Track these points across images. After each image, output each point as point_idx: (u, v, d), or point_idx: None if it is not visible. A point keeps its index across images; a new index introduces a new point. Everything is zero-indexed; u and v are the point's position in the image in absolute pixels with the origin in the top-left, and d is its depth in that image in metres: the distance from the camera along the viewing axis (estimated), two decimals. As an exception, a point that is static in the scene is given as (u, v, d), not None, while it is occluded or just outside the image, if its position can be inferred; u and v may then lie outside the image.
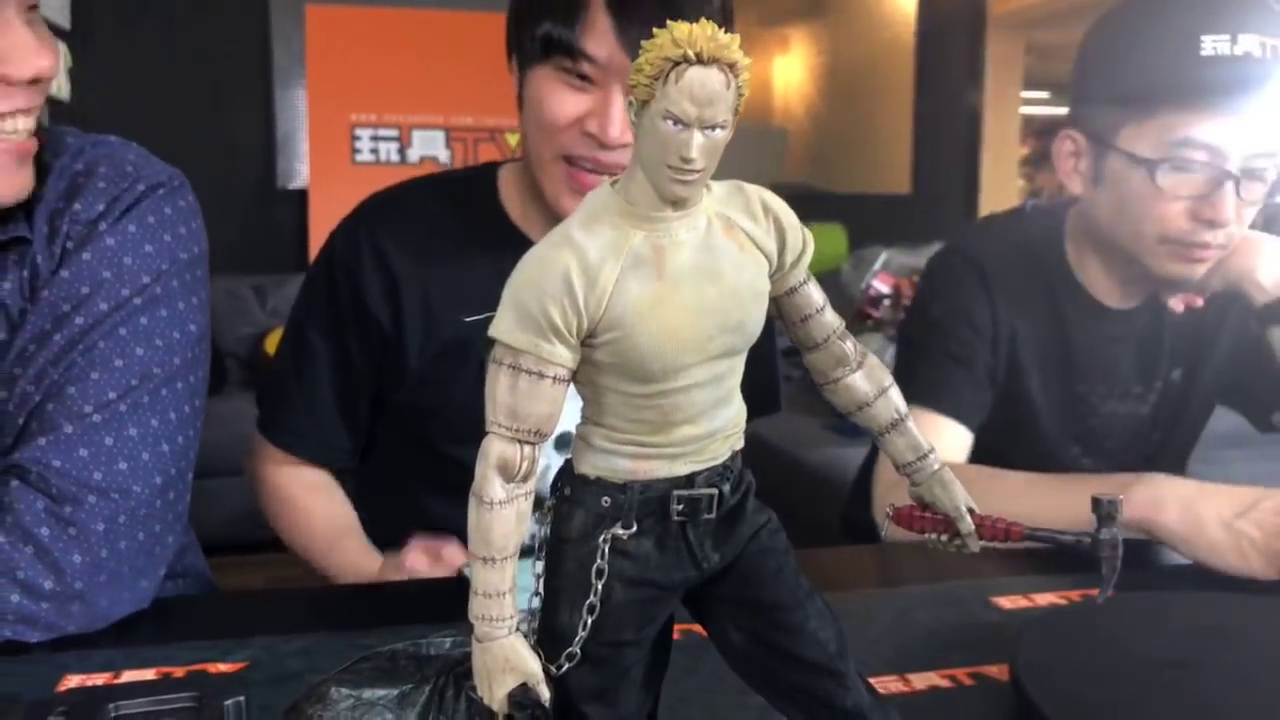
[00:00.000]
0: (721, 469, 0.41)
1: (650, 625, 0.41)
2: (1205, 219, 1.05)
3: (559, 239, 0.38)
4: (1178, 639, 0.76)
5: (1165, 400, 1.25)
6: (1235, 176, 1.03)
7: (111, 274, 0.81)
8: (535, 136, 0.95)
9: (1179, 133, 1.04)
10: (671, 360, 0.38)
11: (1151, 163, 1.06)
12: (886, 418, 0.44)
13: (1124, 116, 1.08)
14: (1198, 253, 1.09)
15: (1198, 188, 1.05)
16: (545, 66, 0.92)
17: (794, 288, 0.42)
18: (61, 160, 0.83)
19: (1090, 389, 1.22)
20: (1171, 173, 1.05)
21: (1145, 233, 1.10)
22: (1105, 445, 1.25)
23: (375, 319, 1.02)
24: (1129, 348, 1.22)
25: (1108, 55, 1.12)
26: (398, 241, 1.02)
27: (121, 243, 0.81)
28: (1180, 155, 1.04)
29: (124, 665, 0.74)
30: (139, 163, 0.86)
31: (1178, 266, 1.11)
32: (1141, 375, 1.24)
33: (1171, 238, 1.08)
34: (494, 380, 0.39)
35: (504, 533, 0.39)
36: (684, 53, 0.35)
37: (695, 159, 0.36)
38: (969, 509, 0.45)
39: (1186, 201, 1.06)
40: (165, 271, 0.83)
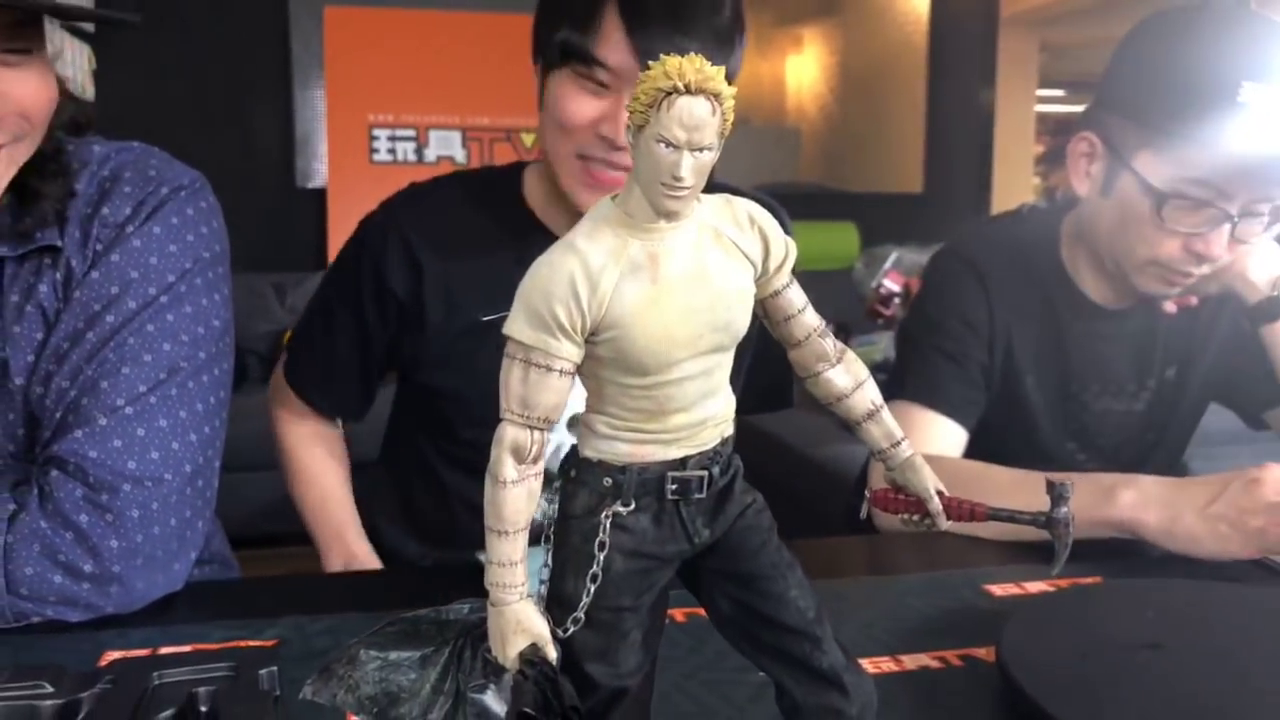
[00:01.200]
0: (712, 453, 0.46)
1: (648, 593, 0.46)
2: (1196, 251, 1.08)
3: (565, 247, 0.43)
4: (1154, 623, 0.79)
5: (1159, 398, 1.27)
6: (1234, 219, 1.05)
7: (139, 274, 0.85)
8: (553, 135, 1.00)
9: (1195, 172, 1.04)
10: (665, 356, 0.43)
11: (1162, 195, 1.06)
12: (862, 409, 0.49)
13: (1145, 139, 1.07)
14: (1180, 279, 1.12)
15: (1196, 224, 1.07)
16: (564, 71, 0.97)
17: (777, 291, 0.47)
18: (90, 168, 0.88)
19: (1084, 388, 1.25)
20: (1177, 209, 1.06)
21: (1138, 253, 1.12)
22: (1098, 442, 1.28)
23: (396, 300, 1.09)
24: (1123, 347, 1.25)
25: (1142, 75, 1.09)
26: (423, 232, 1.08)
27: (147, 244, 0.86)
28: (1190, 193, 1.05)
29: (161, 642, 0.79)
30: (161, 167, 0.90)
31: (1158, 286, 1.14)
32: (1135, 374, 1.26)
33: (1160, 262, 1.11)
34: (507, 372, 0.44)
35: (516, 509, 0.44)
36: (674, 84, 0.40)
37: (685, 178, 0.41)
38: (938, 491, 0.49)
39: (1184, 235, 1.08)
40: (189, 270, 0.88)
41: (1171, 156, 1.05)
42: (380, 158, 3.92)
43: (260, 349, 3.61)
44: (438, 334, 1.08)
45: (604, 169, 0.98)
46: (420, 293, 1.07)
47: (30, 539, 0.79)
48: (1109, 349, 1.25)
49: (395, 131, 3.94)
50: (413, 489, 1.17)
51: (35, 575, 0.79)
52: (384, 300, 1.09)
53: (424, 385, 1.11)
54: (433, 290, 1.07)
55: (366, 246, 1.11)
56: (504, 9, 3.79)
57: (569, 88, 0.97)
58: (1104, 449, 1.28)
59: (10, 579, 0.79)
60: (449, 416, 1.10)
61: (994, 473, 1.08)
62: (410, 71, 3.92)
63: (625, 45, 0.93)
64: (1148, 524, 0.96)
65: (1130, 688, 0.70)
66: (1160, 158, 1.06)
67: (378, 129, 3.92)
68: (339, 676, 0.49)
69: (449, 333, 1.08)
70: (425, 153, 3.97)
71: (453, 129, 3.98)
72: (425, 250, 1.08)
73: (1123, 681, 0.71)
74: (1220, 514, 0.92)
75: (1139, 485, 0.98)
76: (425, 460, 1.14)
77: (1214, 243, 1.06)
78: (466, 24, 3.93)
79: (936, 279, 1.30)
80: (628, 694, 0.45)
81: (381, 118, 3.92)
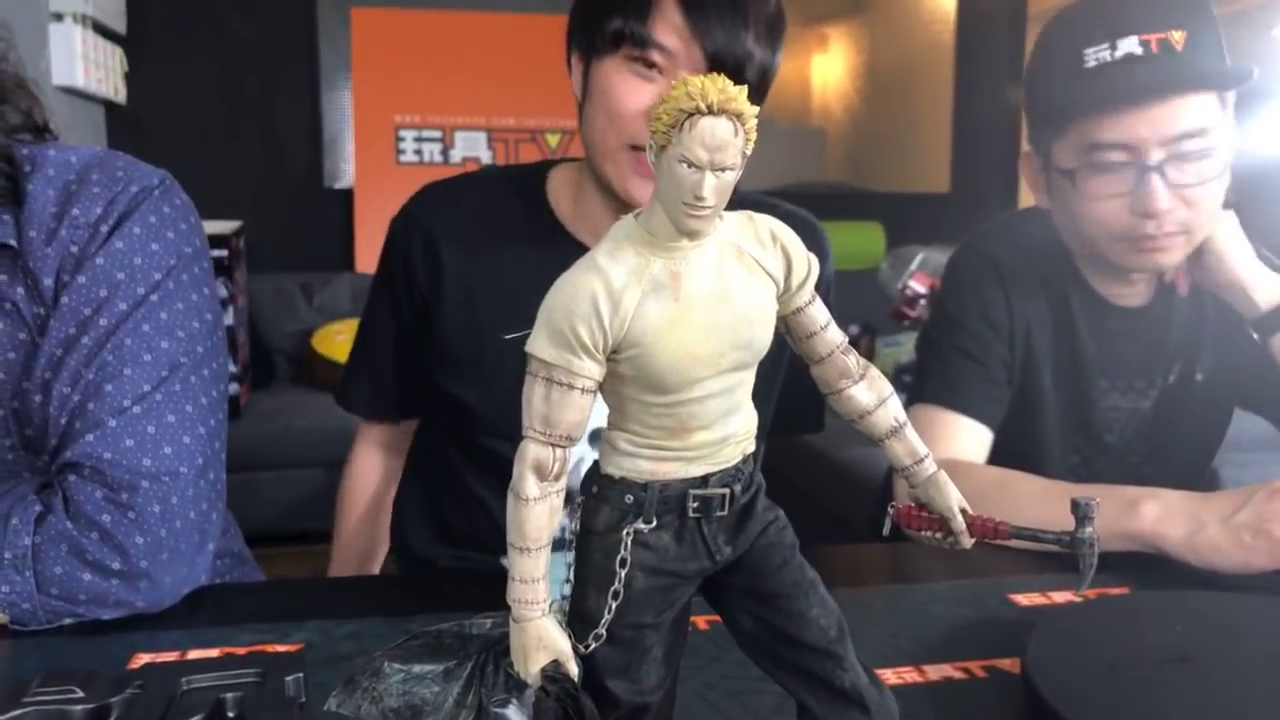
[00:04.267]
0: (734, 471, 0.46)
1: (669, 610, 0.46)
2: (1139, 212, 1.09)
3: (587, 265, 0.43)
4: (1182, 635, 0.78)
5: (1168, 398, 1.26)
6: (1154, 167, 1.07)
7: (125, 275, 0.85)
8: (603, 126, 0.97)
9: (1089, 139, 1.10)
10: (687, 374, 0.43)
11: (1071, 171, 1.12)
12: (886, 426, 0.49)
13: (1050, 132, 1.15)
14: (1148, 244, 1.12)
15: (1126, 185, 1.09)
16: (614, 57, 0.95)
17: (800, 308, 0.47)
18: (44, 171, 0.87)
19: (1093, 384, 1.25)
20: (1092, 176, 1.11)
21: (1096, 235, 1.15)
22: (1105, 439, 1.27)
23: (423, 296, 1.09)
24: (1134, 343, 1.25)
25: (1030, 77, 1.20)
26: (445, 228, 1.08)
27: (129, 245, 0.86)
28: (1096, 159, 1.10)
29: (190, 645, 0.79)
30: (128, 167, 0.90)
31: (1143, 259, 1.14)
32: (1145, 371, 1.26)
33: (1118, 234, 1.12)
34: (530, 390, 0.44)
35: (538, 526, 0.44)
36: (697, 105, 0.40)
37: (707, 198, 0.41)
38: (962, 509, 0.49)
39: (1120, 199, 1.10)
40: (175, 266, 0.88)
41: (1068, 137, 1.12)
42: (406, 158, 3.94)
43: (287, 348, 3.65)
44: (456, 340, 1.08)
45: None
46: (441, 289, 1.07)
47: (57, 539, 0.80)
48: (1120, 345, 1.25)
49: (421, 132, 3.95)
50: (437, 491, 1.18)
51: (65, 574, 0.80)
52: (414, 294, 1.10)
53: (444, 391, 1.11)
54: (453, 288, 1.07)
55: (396, 245, 1.11)
56: (531, 10, 3.81)
57: (621, 74, 0.95)
58: (1110, 446, 1.27)
59: (40, 579, 0.80)
60: (470, 425, 1.10)
61: (1016, 482, 1.08)
62: (436, 73, 3.93)
63: (685, 28, 0.91)
64: (1171, 537, 0.95)
65: (1158, 702, 0.70)
66: (1064, 143, 1.13)
67: (404, 130, 3.94)
68: (363, 688, 0.49)
69: (467, 342, 1.07)
70: (451, 154, 3.98)
71: (478, 130, 3.99)
72: (446, 247, 1.07)
73: (1151, 695, 0.70)
74: (1244, 524, 0.90)
75: (1162, 498, 0.97)
76: (449, 464, 1.15)
77: (1149, 196, 1.08)
78: (493, 25, 3.94)
79: (956, 278, 1.30)
80: (649, 710, 0.46)
81: (408, 119, 3.94)
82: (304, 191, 3.93)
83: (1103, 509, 1.00)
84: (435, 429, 1.19)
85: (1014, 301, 1.22)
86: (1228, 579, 0.93)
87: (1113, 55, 1.08)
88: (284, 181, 3.90)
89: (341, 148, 3.95)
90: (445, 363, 1.09)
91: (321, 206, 3.95)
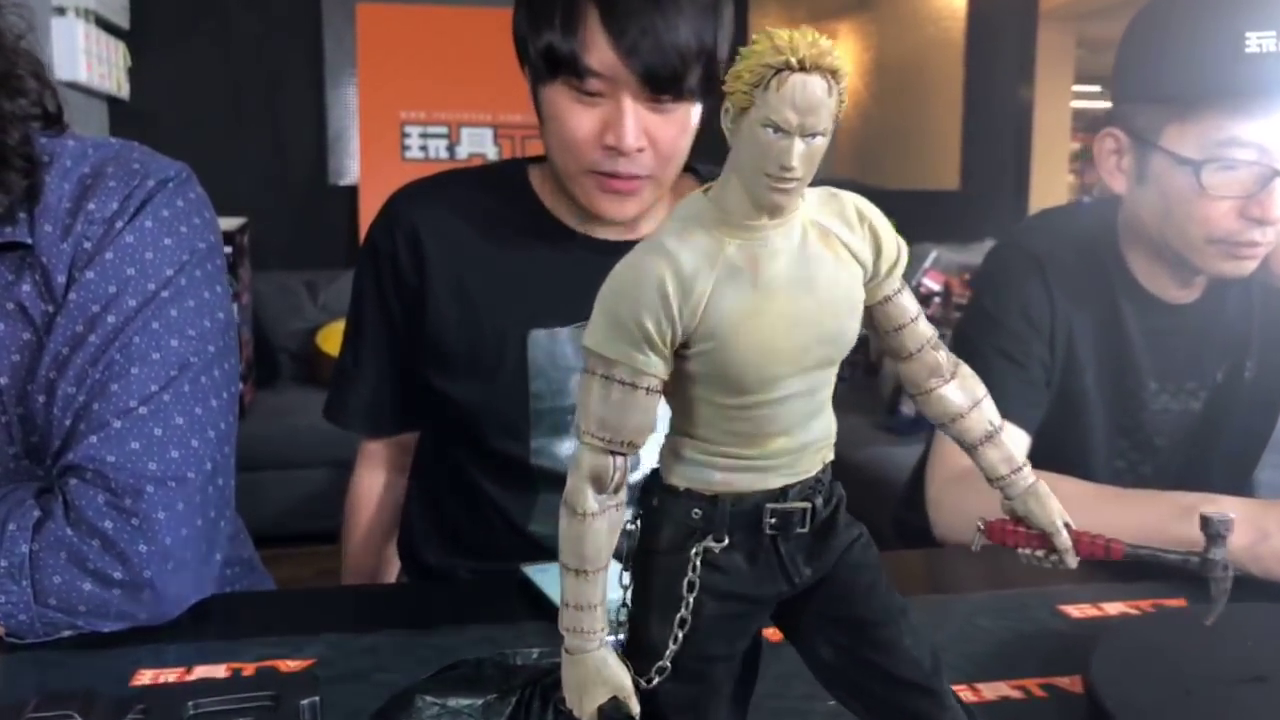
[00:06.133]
0: (814, 482, 0.41)
1: (741, 639, 0.41)
2: (1254, 217, 1.04)
3: (652, 248, 0.38)
4: (1256, 652, 0.74)
5: (1219, 399, 1.22)
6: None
7: (135, 270, 0.82)
8: (560, 154, 0.97)
9: (1225, 132, 1.02)
10: (767, 372, 0.38)
11: (1197, 164, 1.04)
12: (980, 430, 0.43)
13: (1168, 115, 1.06)
14: (1246, 251, 1.07)
15: (1245, 187, 1.04)
16: (555, 84, 0.93)
17: (888, 296, 0.41)
18: (61, 164, 0.84)
19: (1142, 384, 1.20)
20: (1218, 173, 1.04)
21: (1192, 234, 1.08)
22: (1155, 442, 1.23)
23: (413, 296, 1.04)
24: (1184, 343, 1.20)
25: (1149, 53, 1.10)
26: (429, 224, 1.04)
27: (141, 239, 0.83)
28: (1226, 155, 1.03)
29: (195, 661, 0.75)
30: (145, 160, 0.87)
31: (1227, 265, 1.09)
32: (1195, 371, 1.21)
33: (1219, 238, 1.07)
34: (586, 390, 0.38)
35: (597, 545, 0.38)
36: (786, 59, 0.34)
37: (796, 167, 0.36)
38: (1065, 523, 0.44)
39: (1234, 201, 1.04)
40: (186, 263, 0.85)
41: (1196, 123, 1.04)
42: (412, 155, 3.90)
43: (291, 346, 3.61)
44: (451, 336, 1.03)
45: (615, 179, 0.95)
46: (431, 286, 1.03)
47: (56, 547, 0.77)
48: (1169, 344, 1.20)
49: (427, 129, 3.91)
50: (443, 498, 1.13)
51: (64, 584, 0.76)
52: (404, 296, 1.05)
53: (444, 394, 1.06)
54: (443, 283, 1.03)
55: (379, 249, 1.06)
56: (538, 5, 3.76)
57: (565, 103, 0.93)
58: (1160, 449, 1.23)
59: (38, 589, 0.76)
60: (474, 426, 1.05)
61: (1069, 487, 1.03)
62: (442, 68, 3.89)
63: (610, 48, 0.88)
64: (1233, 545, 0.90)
65: (1241, 727, 0.64)
66: (1185, 128, 1.05)
67: (410, 126, 3.90)
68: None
69: (463, 337, 1.03)
70: (457, 150, 3.94)
71: (485, 126, 3.95)
72: (433, 243, 1.03)
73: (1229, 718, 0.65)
74: None
75: (1220, 504, 0.93)
76: (458, 471, 1.10)
77: (1270, 204, 1.02)
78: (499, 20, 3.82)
79: (995, 273, 1.24)
80: (718, 754, 0.40)
81: (413, 115, 3.89)
82: (308, 188, 3.89)
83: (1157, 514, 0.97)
84: (439, 437, 1.14)
85: (1056, 299, 1.17)
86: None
87: (1278, 46, 0.99)
88: (288, 178, 3.86)
89: (346, 144, 3.91)
90: (442, 362, 1.04)
91: (326, 203, 3.91)
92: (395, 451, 1.20)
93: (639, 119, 0.92)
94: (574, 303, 1.02)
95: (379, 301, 1.07)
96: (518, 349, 1.01)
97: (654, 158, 0.94)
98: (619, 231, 1.03)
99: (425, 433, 1.17)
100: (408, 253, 1.03)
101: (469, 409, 1.04)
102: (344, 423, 1.13)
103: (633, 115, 0.91)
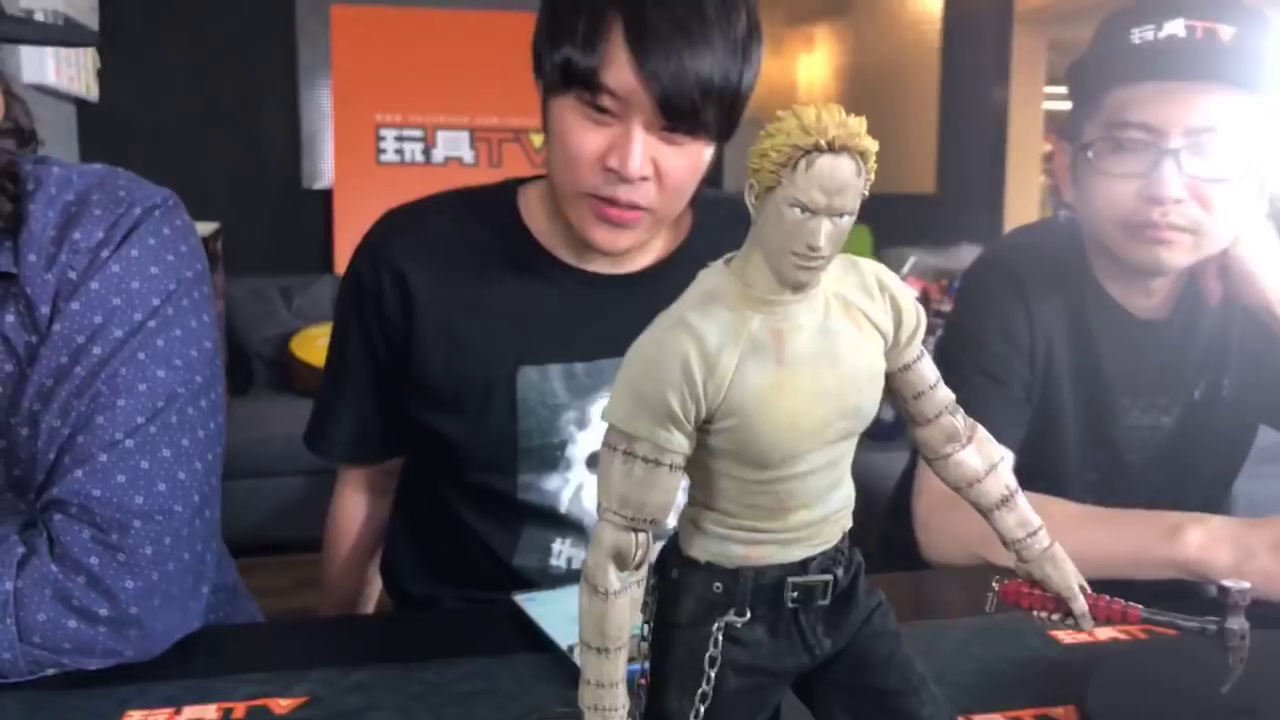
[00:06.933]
0: (834, 552, 0.41)
1: (761, 712, 0.40)
2: (1148, 196, 1.07)
3: (675, 323, 0.37)
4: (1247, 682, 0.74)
5: (1192, 414, 1.24)
6: (1171, 151, 1.05)
7: (122, 300, 0.81)
8: (560, 171, 0.93)
9: (1117, 116, 1.09)
10: (790, 448, 0.37)
11: (1089, 144, 1.11)
12: (997, 494, 0.43)
13: (1084, 114, 1.14)
14: (1150, 233, 1.09)
15: (1139, 166, 1.07)
16: (567, 97, 0.90)
17: (908, 364, 0.41)
18: (46, 191, 0.83)
19: (1115, 400, 1.21)
20: (1110, 152, 1.09)
21: (1102, 218, 1.12)
22: (1126, 457, 1.24)
23: (399, 331, 1.02)
24: (1157, 360, 1.21)
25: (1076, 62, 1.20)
26: (415, 258, 1.01)
27: (127, 268, 0.81)
28: (1116, 135, 1.09)
29: (184, 700, 0.74)
30: (131, 187, 0.85)
31: (1139, 251, 1.11)
32: (1168, 388, 1.22)
33: (1121, 219, 1.10)
34: (608, 466, 0.38)
35: (619, 624, 0.38)
36: (815, 141, 0.34)
37: (822, 247, 0.35)
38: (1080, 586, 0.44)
39: (1133, 181, 1.08)
40: (174, 291, 0.83)
41: (1099, 114, 1.11)
42: (387, 158, 3.87)
43: (266, 353, 3.56)
44: (439, 373, 1.01)
45: (612, 207, 0.91)
46: (417, 322, 1.00)
47: (41, 584, 0.75)
48: (1142, 361, 1.21)
49: (402, 132, 3.88)
50: (427, 528, 1.11)
51: (49, 621, 0.75)
52: (389, 331, 1.02)
53: (427, 426, 1.03)
54: (430, 320, 1.00)
55: (363, 281, 1.03)
56: (513, 8, 3.73)
57: (574, 118, 0.90)
58: (1130, 465, 1.24)
59: (22, 626, 0.74)
60: (458, 460, 1.03)
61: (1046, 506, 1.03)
62: (418, 71, 3.86)
63: (632, 69, 0.85)
64: (1218, 564, 0.91)
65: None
66: (1093, 121, 1.12)
67: (385, 129, 3.86)
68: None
69: (451, 375, 1.00)
70: (433, 153, 3.91)
71: (461, 129, 3.92)
72: (418, 278, 1.00)
73: (1228, 755, 0.66)
74: None
75: (1207, 524, 0.94)
76: (441, 501, 1.07)
77: (1161, 182, 1.05)
78: (475, 23, 3.88)
79: (973, 294, 1.25)
80: (739, 827, 0.40)
81: (389, 118, 3.86)
82: (282, 192, 3.85)
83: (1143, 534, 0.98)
84: (422, 465, 1.12)
85: (1035, 315, 1.18)
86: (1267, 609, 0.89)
87: (1157, 35, 1.08)
88: (262, 182, 3.82)
89: (321, 147, 3.87)
90: (427, 397, 1.02)
91: (300, 207, 3.87)
92: (377, 475, 1.17)
93: (647, 146, 0.89)
94: (564, 338, 1.00)
95: (362, 335, 1.04)
96: (506, 386, 0.99)
97: (657, 190, 0.91)
98: (611, 265, 1.01)
99: (409, 462, 1.15)
100: (393, 291, 1.00)
101: (455, 444, 1.02)
102: (326, 452, 1.11)
103: (641, 141, 0.88)
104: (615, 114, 0.88)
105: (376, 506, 1.18)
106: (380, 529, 1.19)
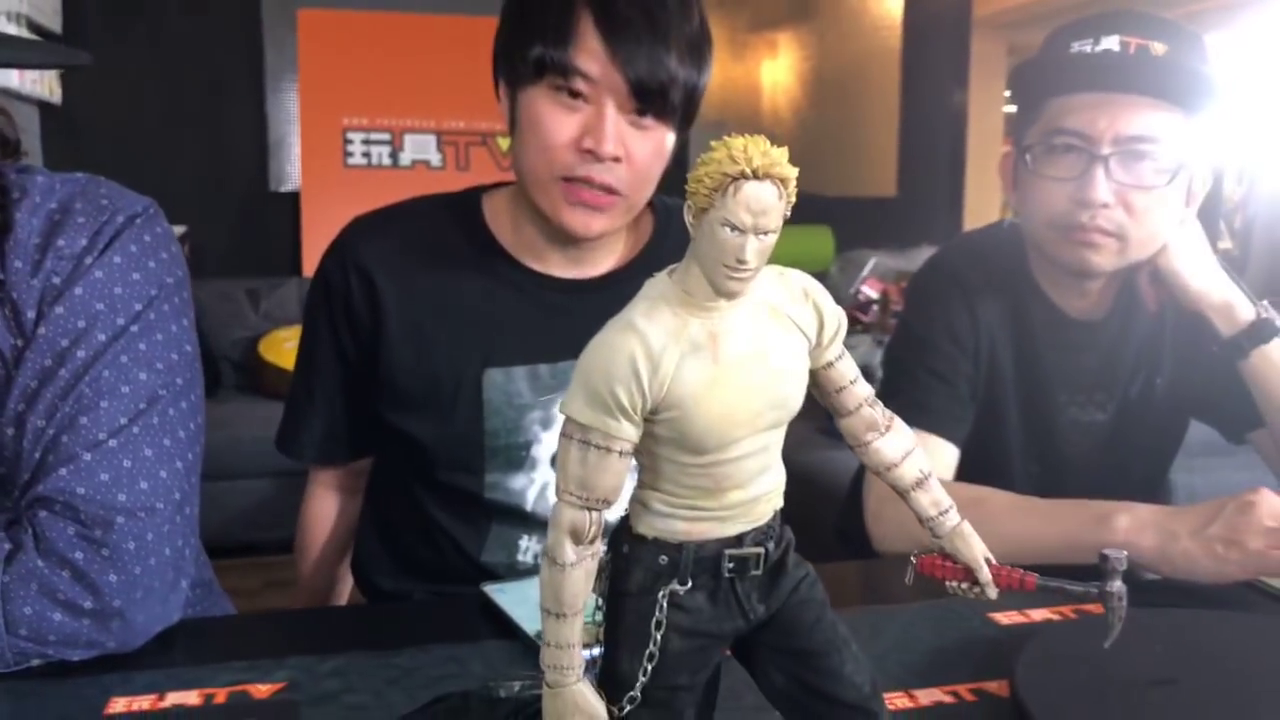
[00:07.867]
0: (766, 528, 0.46)
1: (703, 671, 0.46)
2: (1078, 199, 1.13)
3: (623, 326, 0.43)
4: (1164, 656, 0.80)
5: (1127, 411, 1.29)
6: (1101, 157, 1.11)
7: (105, 305, 0.83)
8: (533, 158, 0.96)
9: (1054, 123, 1.15)
10: (724, 435, 0.43)
11: (1029, 148, 1.18)
12: (911, 477, 0.49)
13: (1026, 119, 1.21)
14: (1078, 235, 1.15)
15: (1072, 171, 1.14)
16: (539, 86, 0.94)
17: (830, 363, 0.47)
18: (31, 199, 0.85)
19: (1051, 396, 1.27)
20: (1045, 155, 1.16)
21: (1037, 219, 1.19)
22: (1065, 451, 1.29)
23: (367, 334, 1.05)
24: (1094, 358, 1.27)
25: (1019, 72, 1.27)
26: (383, 262, 1.04)
27: (110, 274, 0.84)
28: (1053, 141, 1.15)
29: (167, 687, 0.77)
30: (113, 195, 0.88)
31: (1070, 251, 1.17)
32: (1103, 385, 1.28)
33: (1051, 220, 1.16)
34: (565, 453, 0.43)
35: (574, 592, 0.43)
36: (742, 169, 0.39)
37: (750, 261, 0.41)
38: (986, 559, 0.50)
39: (1065, 185, 1.14)
40: (155, 296, 0.86)
41: (1039, 121, 1.18)
42: (355, 161, 3.88)
43: (234, 355, 3.57)
44: (407, 376, 1.04)
45: (586, 188, 0.95)
46: (385, 326, 1.03)
47: (27, 578, 0.78)
48: (1079, 360, 1.27)
49: (370, 135, 3.90)
50: (396, 524, 1.14)
51: (34, 614, 0.77)
52: (358, 334, 1.05)
53: (398, 428, 1.06)
54: (398, 323, 1.03)
55: (332, 284, 1.05)
56: (482, 12, 3.76)
57: (546, 105, 0.94)
58: (1070, 458, 1.30)
59: (9, 619, 0.77)
60: (427, 460, 1.06)
61: (990, 498, 1.09)
62: (384, 75, 3.88)
63: (604, 54, 0.90)
64: (1144, 548, 0.97)
65: (1150, 729, 0.71)
66: (1034, 129, 1.19)
67: (352, 132, 3.88)
68: (382, 752, 0.48)
69: (419, 377, 1.04)
70: (400, 156, 3.93)
71: (428, 133, 3.95)
72: (386, 282, 1.03)
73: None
74: (1217, 536, 0.93)
75: (1134, 511, 0.99)
76: (410, 499, 1.10)
77: (1090, 185, 1.12)
78: (441, 27, 3.90)
79: (920, 297, 1.31)
80: (683, 772, 0.45)
81: (356, 121, 3.88)
82: (249, 195, 3.85)
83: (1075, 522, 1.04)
84: (391, 465, 1.15)
85: (978, 315, 1.24)
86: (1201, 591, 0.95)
87: (1094, 48, 1.14)
88: (229, 185, 3.82)
89: (288, 150, 3.88)
90: (395, 398, 1.05)
91: (267, 210, 3.87)
92: (347, 476, 1.20)
93: (619, 128, 0.93)
94: (529, 341, 1.03)
95: (332, 338, 1.07)
96: (473, 388, 1.02)
97: (628, 173, 0.95)
98: (574, 270, 1.05)
99: (380, 460, 1.18)
100: (361, 293, 1.03)
101: (423, 444, 1.05)
102: (297, 454, 1.13)
103: (614, 122, 0.92)
104: (587, 98, 0.93)
105: (347, 506, 1.22)
106: (351, 528, 1.22)
